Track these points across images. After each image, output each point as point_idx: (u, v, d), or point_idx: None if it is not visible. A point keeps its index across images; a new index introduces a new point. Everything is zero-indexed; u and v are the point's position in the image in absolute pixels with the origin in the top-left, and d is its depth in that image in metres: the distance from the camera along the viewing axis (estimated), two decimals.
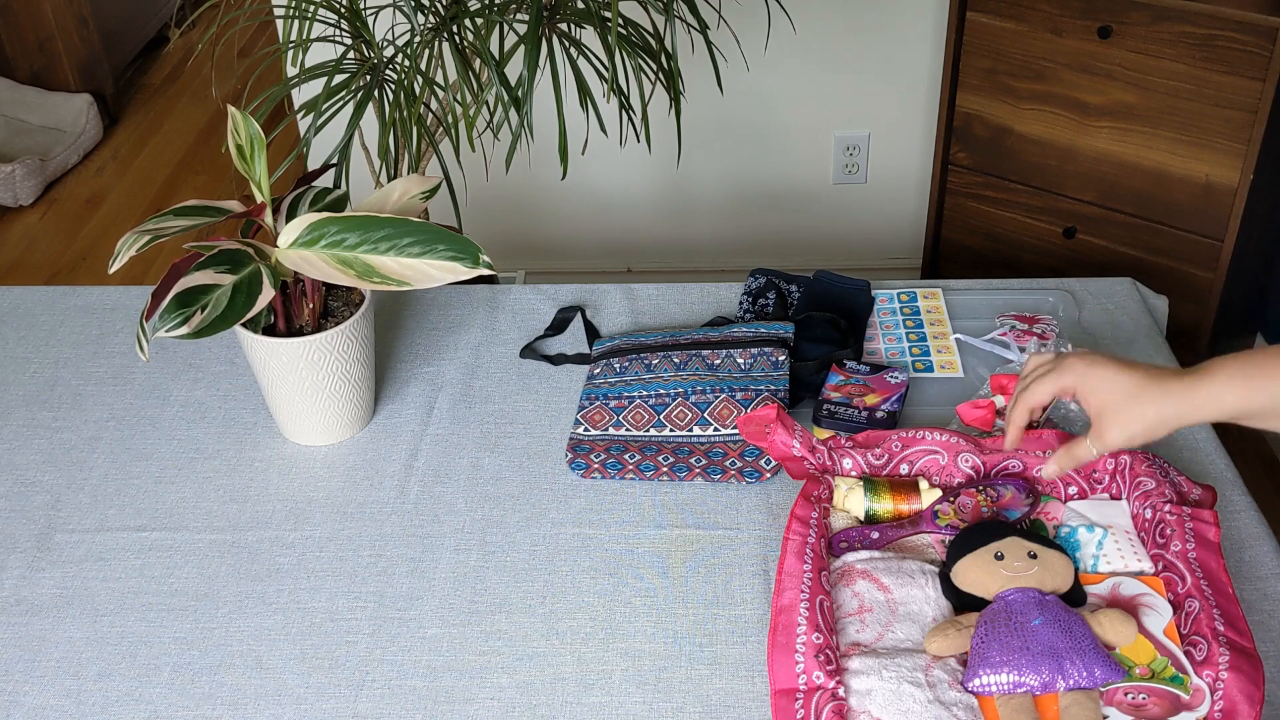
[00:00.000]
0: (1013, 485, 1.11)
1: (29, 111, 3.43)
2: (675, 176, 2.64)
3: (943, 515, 1.08)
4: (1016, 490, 1.11)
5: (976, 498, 1.10)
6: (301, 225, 1.14)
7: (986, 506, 1.09)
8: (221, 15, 1.79)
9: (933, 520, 1.08)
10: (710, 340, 1.35)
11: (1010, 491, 1.10)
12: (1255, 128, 1.90)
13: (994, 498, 1.10)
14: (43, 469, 1.26)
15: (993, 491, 1.11)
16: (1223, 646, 0.94)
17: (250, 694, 1.02)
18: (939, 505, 1.09)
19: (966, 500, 1.10)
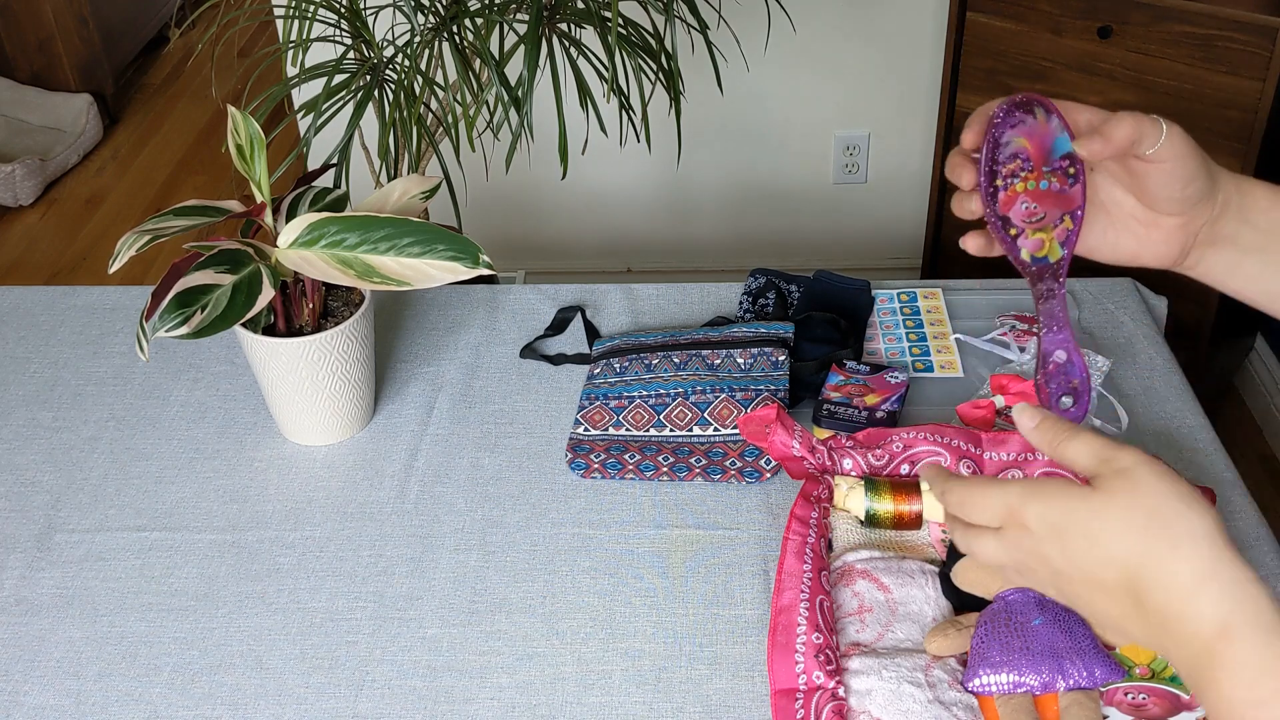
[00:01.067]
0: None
1: (29, 111, 3.43)
2: (675, 176, 2.64)
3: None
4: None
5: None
6: (301, 225, 1.14)
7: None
8: (221, 15, 1.79)
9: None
10: (710, 340, 1.35)
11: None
12: (1255, 128, 1.90)
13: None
14: (43, 469, 1.26)
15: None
16: None
17: (250, 694, 1.02)
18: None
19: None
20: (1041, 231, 0.76)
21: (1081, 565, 0.62)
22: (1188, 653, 0.58)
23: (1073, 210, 0.76)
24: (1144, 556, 0.60)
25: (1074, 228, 0.76)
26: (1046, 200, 0.76)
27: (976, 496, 0.67)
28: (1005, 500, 0.65)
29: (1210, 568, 0.58)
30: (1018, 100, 0.75)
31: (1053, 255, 0.76)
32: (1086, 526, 0.61)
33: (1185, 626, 0.58)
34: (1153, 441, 1.24)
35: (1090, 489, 0.63)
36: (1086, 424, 1.23)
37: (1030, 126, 0.75)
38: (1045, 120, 0.75)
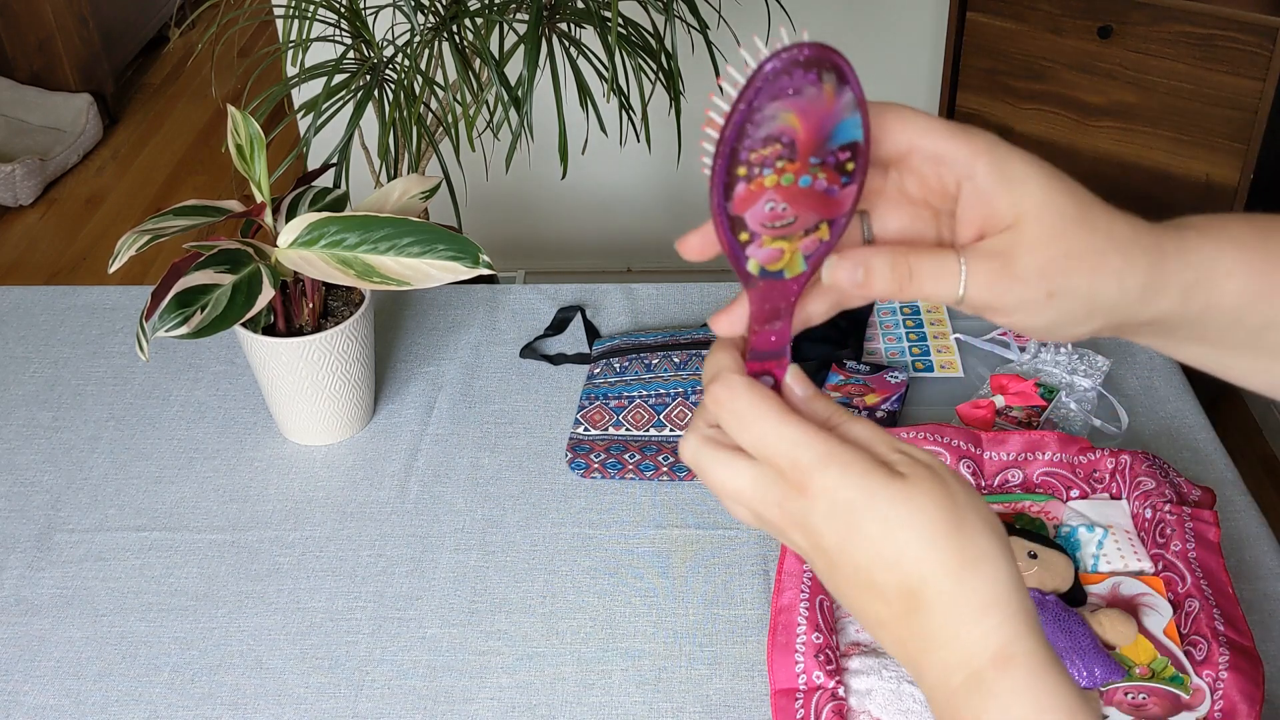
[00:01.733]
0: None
1: (29, 111, 3.43)
2: (675, 176, 2.64)
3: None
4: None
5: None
6: (301, 225, 1.14)
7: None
8: (221, 15, 1.79)
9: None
10: (710, 340, 1.35)
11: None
12: (1255, 128, 1.90)
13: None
14: (43, 469, 1.26)
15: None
16: (1223, 646, 0.94)
17: (250, 694, 1.02)
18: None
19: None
20: (783, 240, 0.54)
21: (858, 556, 0.52)
22: (950, 678, 0.52)
23: (835, 218, 0.53)
24: (937, 565, 0.51)
25: (829, 239, 0.54)
26: (803, 202, 0.53)
27: (753, 414, 0.53)
28: (793, 450, 0.52)
29: (1003, 593, 0.51)
30: (800, 57, 0.49)
31: (790, 270, 0.55)
32: (884, 514, 0.51)
33: (959, 650, 0.51)
34: (1153, 441, 1.24)
35: (896, 475, 0.52)
36: (1085, 425, 1.23)
37: (809, 99, 0.50)
38: (833, 93, 0.50)
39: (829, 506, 0.52)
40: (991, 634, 0.51)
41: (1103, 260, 0.53)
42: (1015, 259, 0.52)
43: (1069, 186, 0.53)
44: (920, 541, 0.51)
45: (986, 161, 0.53)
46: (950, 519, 0.52)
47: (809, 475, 0.52)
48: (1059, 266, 0.52)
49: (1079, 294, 0.53)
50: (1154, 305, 0.55)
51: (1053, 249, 0.52)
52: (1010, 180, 0.52)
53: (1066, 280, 0.53)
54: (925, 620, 0.52)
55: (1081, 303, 0.53)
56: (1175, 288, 0.55)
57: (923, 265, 0.53)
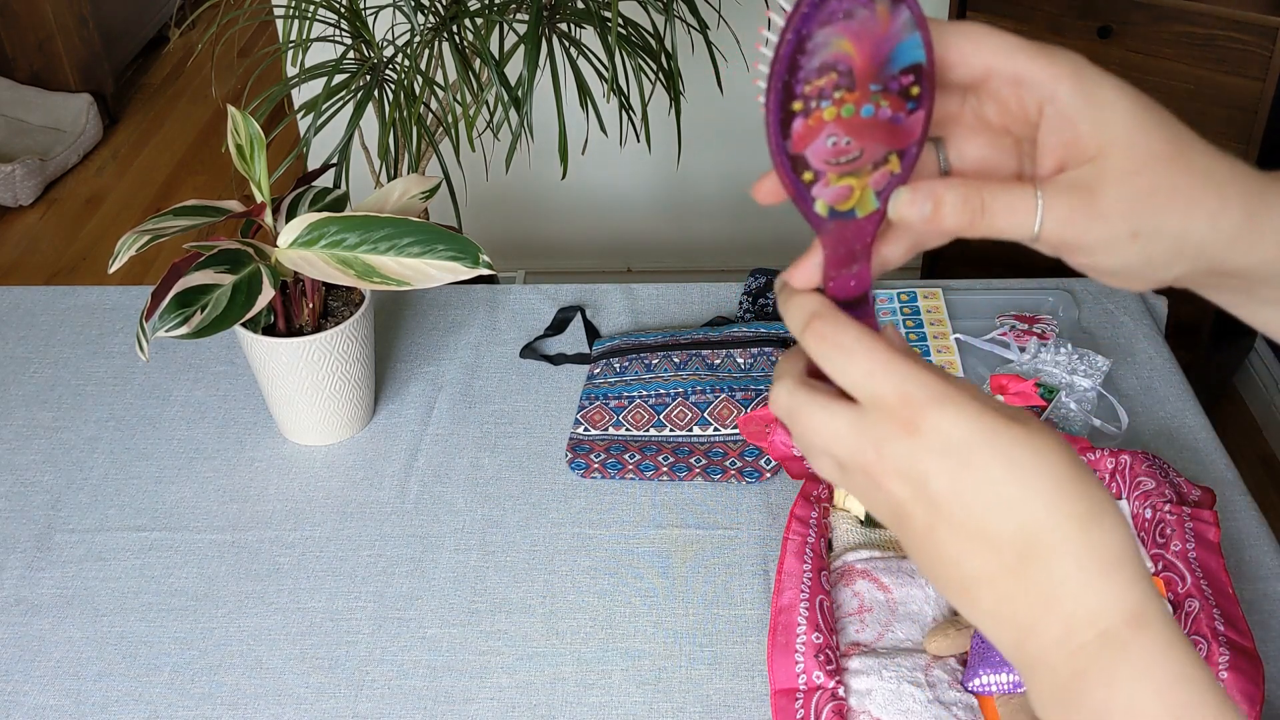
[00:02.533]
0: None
1: (29, 111, 3.43)
2: (675, 176, 2.64)
3: None
4: None
5: None
6: (301, 225, 1.14)
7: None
8: (221, 15, 1.79)
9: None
10: (710, 340, 1.35)
11: None
12: (1255, 128, 1.90)
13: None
14: (43, 469, 1.26)
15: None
16: (1223, 646, 0.94)
17: (250, 694, 1.02)
18: None
19: None
20: (851, 177, 0.50)
21: (974, 500, 0.48)
22: (1076, 635, 0.47)
23: (905, 148, 0.50)
24: (1065, 513, 0.48)
25: (901, 171, 0.51)
26: (867, 133, 0.49)
27: (854, 346, 0.50)
28: (904, 384, 0.48)
29: (1129, 550, 0.48)
30: None
31: (862, 209, 0.51)
32: (1008, 455, 0.47)
33: (1089, 605, 0.47)
34: (1153, 441, 1.24)
35: (1015, 419, 0.48)
36: (1085, 425, 1.23)
37: (861, 22, 0.47)
38: (888, 13, 0.47)
39: (944, 444, 0.48)
40: (1125, 592, 0.47)
41: (1196, 199, 0.49)
42: (1098, 194, 0.48)
43: (1163, 117, 0.49)
44: (1047, 486, 0.47)
45: (1071, 84, 0.49)
46: (1075, 467, 0.48)
47: (922, 411, 0.48)
48: (1146, 204, 0.48)
49: (1167, 235, 0.49)
50: (1248, 253, 0.50)
51: (1140, 184, 0.48)
52: (1097, 105, 0.49)
53: (1154, 219, 0.49)
54: (1046, 572, 0.47)
55: (1169, 244, 0.49)
56: (1272, 235, 0.50)
57: (996, 198, 0.49)
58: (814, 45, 0.47)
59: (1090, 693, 0.47)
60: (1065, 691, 0.48)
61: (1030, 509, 0.47)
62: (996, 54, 0.50)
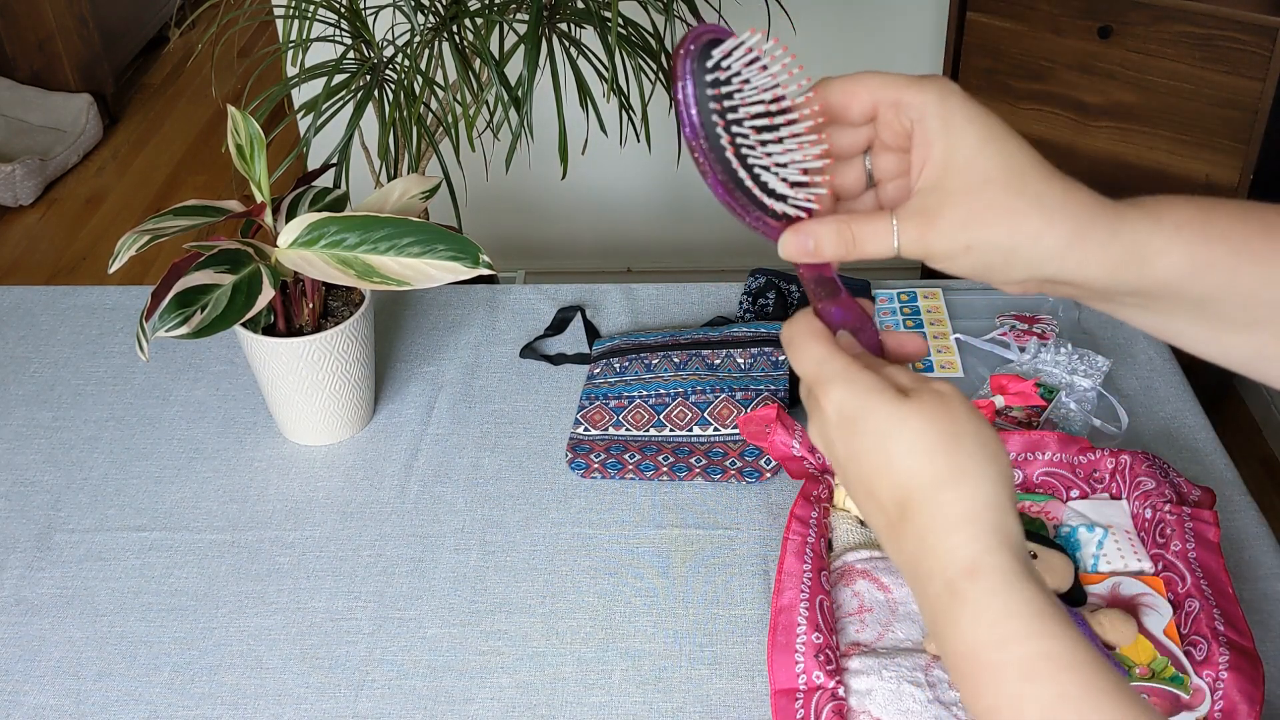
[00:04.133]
0: None
1: (29, 111, 3.43)
2: (675, 176, 2.64)
3: None
4: None
5: None
6: (301, 225, 1.14)
7: None
8: (221, 15, 1.79)
9: None
10: (710, 340, 1.35)
11: None
12: (1255, 128, 1.90)
13: None
14: (43, 469, 1.26)
15: None
16: (1223, 646, 0.94)
17: (250, 694, 1.02)
18: None
19: None
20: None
21: (861, 466, 0.58)
22: (933, 588, 0.56)
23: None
24: (924, 478, 0.56)
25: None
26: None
27: (798, 345, 0.62)
28: (815, 369, 0.60)
29: (979, 511, 0.56)
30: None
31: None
32: (880, 426, 0.57)
33: (937, 559, 0.56)
34: (1153, 441, 1.24)
35: (901, 396, 0.58)
36: (1085, 425, 1.23)
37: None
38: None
39: (837, 418, 0.58)
40: (965, 546, 0.55)
41: (1019, 219, 0.56)
42: (937, 216, 0.57)
43: (1005, 146, 0.57)
44: (909, 454, 0.56)
45: (934, 110, 0.57)
46: (944, 436, 0.56)
47: (825, 388, 0.59)
48: (977, 221, 0.57)
49: (996, 248, 0.57)
50: (1078, 269, 0.58)
51: (973, 204, 0.57)
52: (949, 129, 0.57)
53: (981, 234, 0.57)
54: (915, 528, 0.56)
55: (1000, 256, 0.58)
56: (1098, 259, 0.57)
57: (862, 229, 0.59)
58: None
59: (945, 638, 0.56)
60: (934, 625, 0.56)
61: (895, 475, 0.57)
62: (879, 88, 0.59)
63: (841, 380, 0.59)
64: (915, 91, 0.58)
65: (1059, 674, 0.52)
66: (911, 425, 0.56)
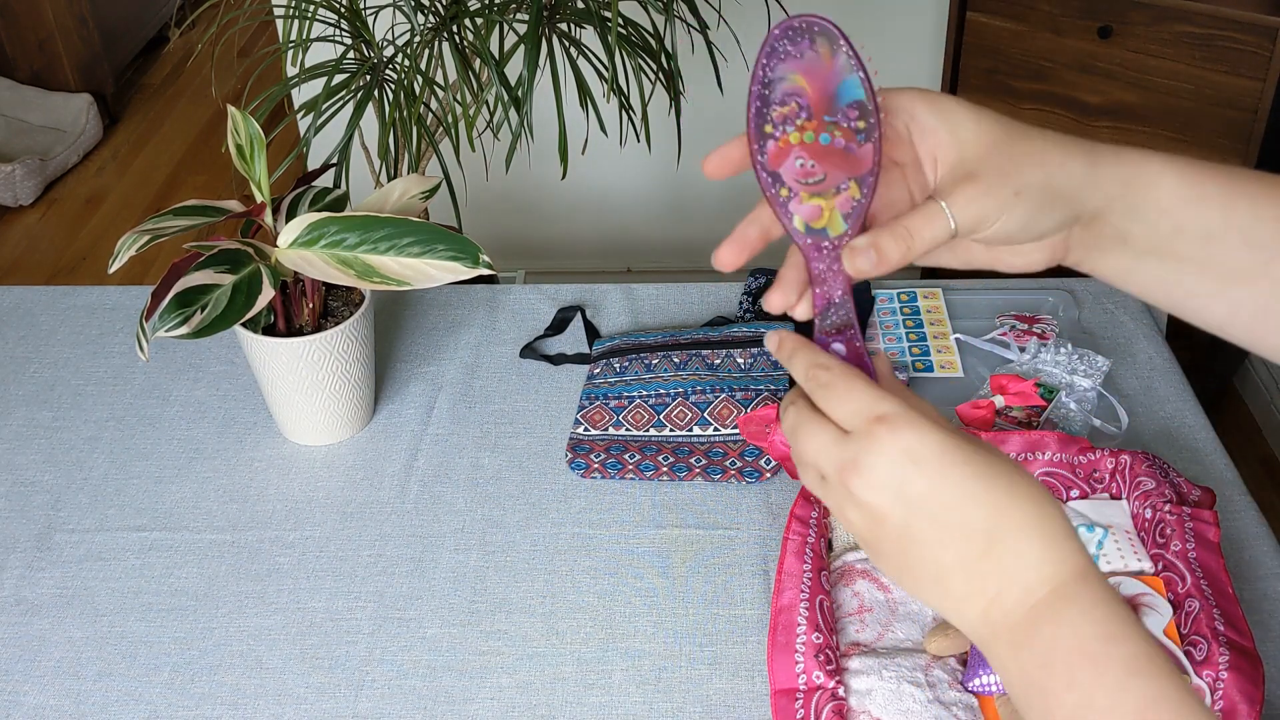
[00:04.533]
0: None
1: (29, 111, 3.43)
2: (675, 176, 2.64)
3: None
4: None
5: None
6: (301, 225, 1.14)
7: None
8: (221, 15, 1.79)
9: None
10: (710, 340, 1.35)
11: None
12: (1255, 128, 1.90)
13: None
14: (43, 469, 1.26)
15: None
16: (1223, 646, 0.94)
17: (250, 694, 1.02)
18: None
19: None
20: (819, 198, 0.61)
21: (947, 498, 0.58)
22: (1034, 598, 0.58)
23: (861, 175, 0.60)
24: (1019, 504, 0.59)
25: (861, 197, 0.61)
26: (827, 159, 0.60)
27: (843, 386, 0.61)
28: (876, 407, 0.59)
29: (1069, 526, 0.60)
30: (793, 25, 0.58)
31: (833, 229, 0.61)
32: (970, 462, 0.59)
33: (1043, 569, 0.58)
34: (1153, 441, 1.24)
35: (967, 437, 0.61)
36: (1085, 425, 1.23)
37: (809, 62, 0.58)
38: (828, 55, 0.58)
39: (918, 454, 0.58)
40: (1070, 556, 0.58)
41: (1044, 155, 0.62)
42: (976, 177, 0.61)
43: (993, 114, 0.62)
44: (1003, 483, 0.59)
45: (923, 104, 0.62)
46: (1020, 469, 0.60)
47: (898, 428, 0.59)
48: (1011, 169, 0.61)
49: (1037, 186, 0.61)
50: (1094, 192, 0.62)
51: (999, 156, 0.61)
52: (944, 114, 0.62)
53: (1020, 177, 0.61)
54: (1011, 549, 0.58)
55: (1041, 194, 0.61)
56: (1112, 177, 0.62)
57: (915, 221, 0.61)
58: (775, 77, 0.60)
59: (1040, 631, 0.57)
60: (1019, 635, 0.58)
61: (995, 500, 0.58)
62: None
63: (919, 422, 0.59)
64: (901, 97, 0.62)
65: (1159, 676, 0.55)
66: (997, 462, 0.60)
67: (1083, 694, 0.55)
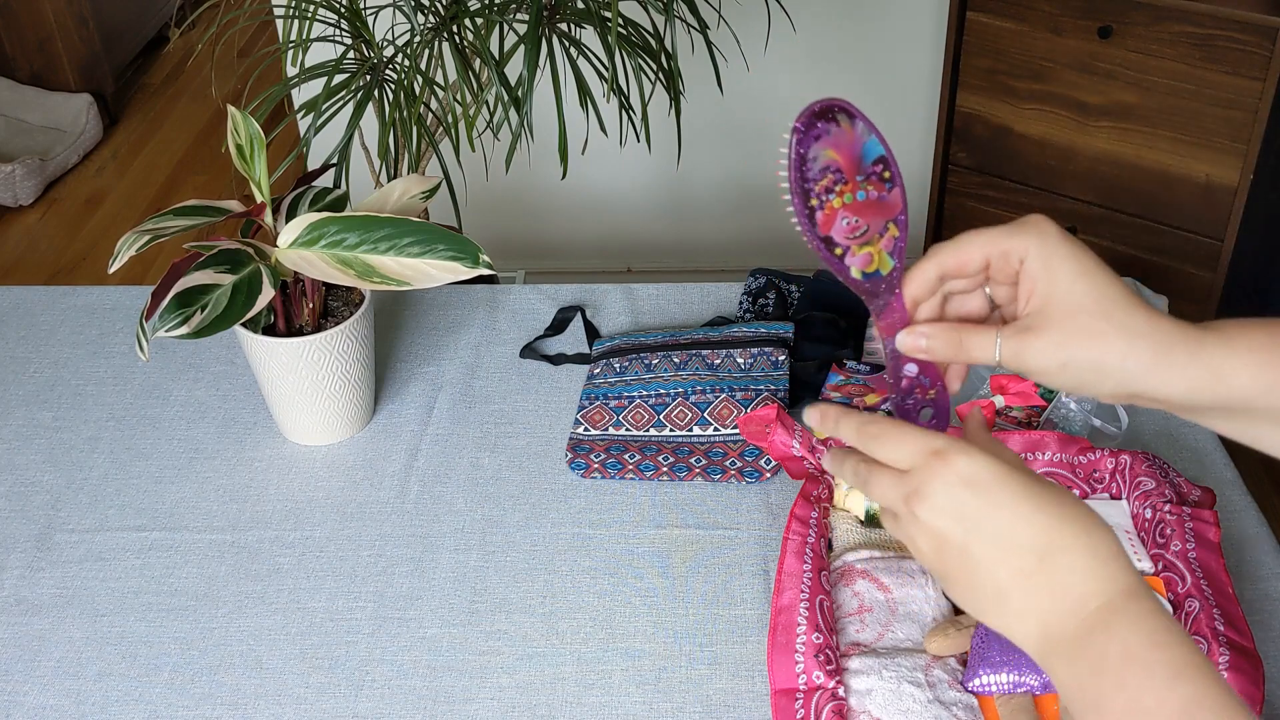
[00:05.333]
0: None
1: (29, 111, 3.43)
2: (675, 176, 2.64)
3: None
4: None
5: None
6: (301, 225, 1.14)
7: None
8: (221, 15, 1.79)
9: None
10: (710, 340, 1.35)
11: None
12: (1255, 128, 1.90)
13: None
14: (43, 469, 1.26)
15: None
16: (1223, 646, 0.94)
17: (250, 694, 1.02)
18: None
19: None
20: (868, 245, 0.71)
21: (1001, 518, 0.64)
22: (1084, 609, 0.62)
23: (895, 216, 0.71)
24: (1069, 525, 0.64)
25: (900, 234, 0.71)
26: (866, 211, 0.70)
27: (895, 433, 0.68)
28: (929, 444, 0.66)
29: (1120, 548, 0.64)
30: (815, 110, 0.69)
31: (884, 268, 0.71)
32: (1023, 485, 0.64)
33: (1094, 586, 0.62)
34: (1153, 441, 1.24)
35: (1017, 463, 0.66)
36: (1085, 425, 1.23)
37: (836, 136, 0.70)
38: (850, 126, 0.69)
39: (973, 479, 0.64)
40: (1120, 575, 0.63)
41: (1106, 341, 0.66)
42: (1036, 336, 0.67)
43: (1096, 280, 0.67)
44: (1054, 506, 0.64)
45: (1035, 250, 0.67)
46: (1068, 494, 0.65)
47: (952, 458, 0.65)
48: (1070, 343, 0.66)
49: (1087, 365, 0.67)
50: (1161, 386, 0.67)
51: (1066, 328, 0.66)
52: (1050, 268, 0.67)
53: (1074, 353, 0.67)
54: (1063, 566, 0.63)
55: (1090, 372, 0.67)
56: (1178, 379, 0.67)
57: (970, 338, 0.70)
58: (809, 157, 0.69)
59: (1093, 642, 0.61)
60: (1074, 647, 0.62)
61: (1045, 521, 0.63)
62: (987, 245, 0.69)
63: (971, 451, 0.65)
64: (1018, 239, 0.68)
65: (1203, 678, 0.59)
66: (1047, 486, 0.65)
67: (1131, 695, 0.60)
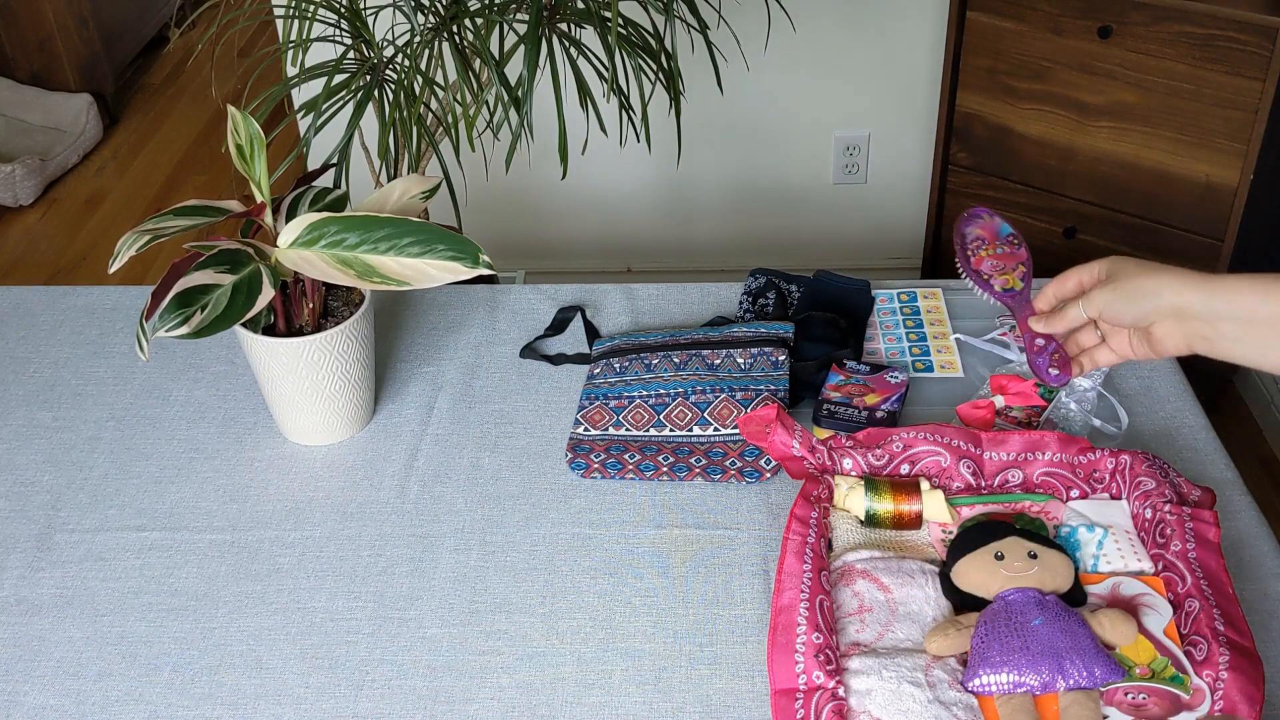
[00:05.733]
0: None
1: (29, 111, 3.43)
2: (675, 176, 2.64)
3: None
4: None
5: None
6: (301, 225, 1.14)
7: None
8: (221, 15, 1.79)
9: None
10: (710, 340, 1.35)
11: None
12: (1255, 128, 1.90)
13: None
14: (43, 469, 1.26)
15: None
16: (1223, 646, 0.94)
17: (250, 694, 1.02)
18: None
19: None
20: (1005, 274, 1.15)
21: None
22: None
23: (1023, 260, 1.17)
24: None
25: (1027, 269, 1.16)
26: (1002, 259, 1.17)
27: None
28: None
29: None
30: (973, 211, 1.22)
31: (1016, 286, 1.14)
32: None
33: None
34: (1153, 441, 1.24)
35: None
36: (1085, 425, 1.23)
37: (982, 223, 1.21)
38: (990, 219, 1.21)
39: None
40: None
41: (1151, 273, 0.97)
42: (1102, 287, 1.00)
43: (1141, 260, 0.99)
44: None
45: (1108, 263, 1.01)
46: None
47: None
48: (1136, 281, 0.97)
49: (1138, 286, 0.97)
50: (1183, 297, 0.94)
51: (1130, 274, 0.98)
52: (1115, 262, 1.00)
53: (1132, 281, 0.97)
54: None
55: (1140, 289, 0.97)
56: (1195, 290, 0.94)
57: (1067, 310, 1.04)
58: (967, 233, 1.21)
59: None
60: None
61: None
62: (1080, 272, 1.04)
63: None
64: (1099, 263, 1.01)
65: None
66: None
67: None
